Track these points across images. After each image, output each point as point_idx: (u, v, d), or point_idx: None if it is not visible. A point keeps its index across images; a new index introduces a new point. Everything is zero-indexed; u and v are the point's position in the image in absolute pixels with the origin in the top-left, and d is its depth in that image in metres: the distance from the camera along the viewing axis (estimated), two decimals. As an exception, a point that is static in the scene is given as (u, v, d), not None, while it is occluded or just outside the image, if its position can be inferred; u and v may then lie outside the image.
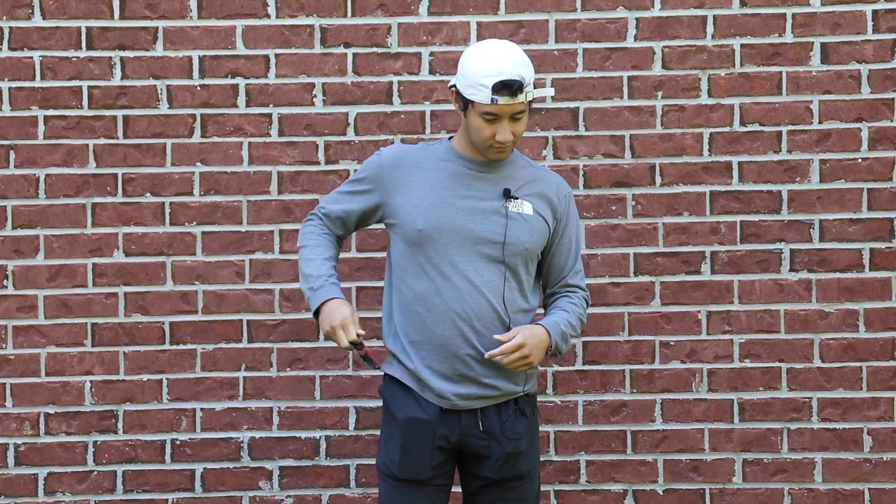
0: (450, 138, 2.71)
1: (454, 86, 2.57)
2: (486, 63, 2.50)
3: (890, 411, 3.21)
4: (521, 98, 2.53)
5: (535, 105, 2.81)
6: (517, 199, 2.62)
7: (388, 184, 2.63)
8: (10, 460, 3.20)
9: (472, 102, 2.55)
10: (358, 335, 2.55)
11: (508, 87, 2.46)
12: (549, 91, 2.69)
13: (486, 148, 2.60)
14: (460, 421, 2.59)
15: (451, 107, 2.86)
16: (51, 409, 3.21)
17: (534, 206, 2.63)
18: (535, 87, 2.57)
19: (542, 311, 2.74)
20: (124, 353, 3.22)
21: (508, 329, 2.59)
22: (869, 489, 3.21)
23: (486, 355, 2.57)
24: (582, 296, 2.71)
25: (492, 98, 2.49)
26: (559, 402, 3.24)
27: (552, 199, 2.66)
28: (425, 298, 2.57)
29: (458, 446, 2.61)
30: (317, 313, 2.59)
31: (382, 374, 2.66)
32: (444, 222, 2.58)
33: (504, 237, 2.58)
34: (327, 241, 2.75)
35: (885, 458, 3.20)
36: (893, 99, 3.22)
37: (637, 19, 3.22)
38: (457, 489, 2.65)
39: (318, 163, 3.23)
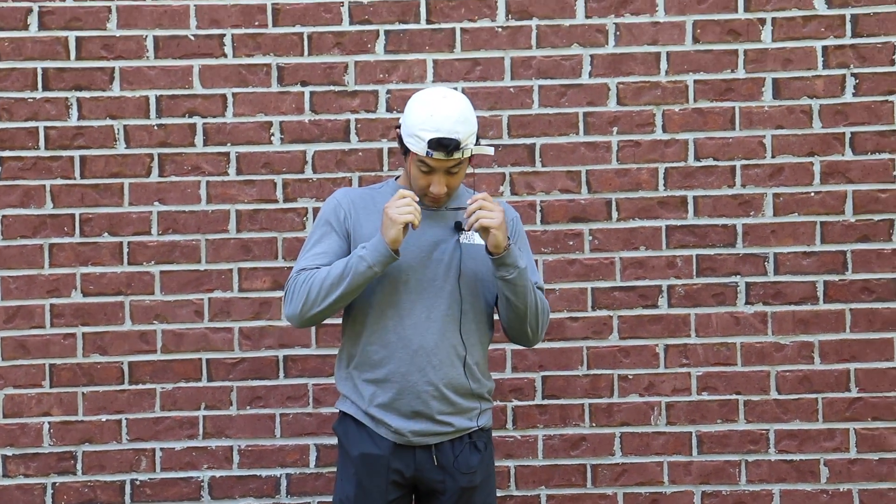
0: (396, 178, 2.73)
1: (398, 127, 2.58)
2: (427, 116, 2.50)
3: (846, 442, 3.23)
4: (456, 155, 2.52)
5: (489, 142, 2.83)
6: (467, 230, 2.61)
7: (346, 223, 2.64)
8: None
9: (408, 151, 2.57)
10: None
11: (444, 146, 2.47)
12: (489, 150, 2.68)
13: (421, 196, 2.59)
14: (415, 456, 2.59)
15: (406, 146, 2.85)
16: (9, 451, 3.20)
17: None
18: (477, 141, 2.57)
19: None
20: (83, 393, 3.21)
21: (465, 363, 2.58)
22: None
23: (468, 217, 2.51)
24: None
25: (427, 152, 2.49)
26: (519, 437, 3.25)
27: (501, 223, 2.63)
28: (382, 335, 2.58)
29: (413, 482, 2.62)
30: (379, 261, 2.48)
31: (336, 408, 2.67)
32: (398, 261, 2.58)
33: (459, 269, 2.60)
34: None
35: (841, 489, 3.23)
36: (844, 133, 3.27)
37: (591, 56, 3.26)
38: None
39: (276, 201, 3.24)
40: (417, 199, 2.55)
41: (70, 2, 3.20)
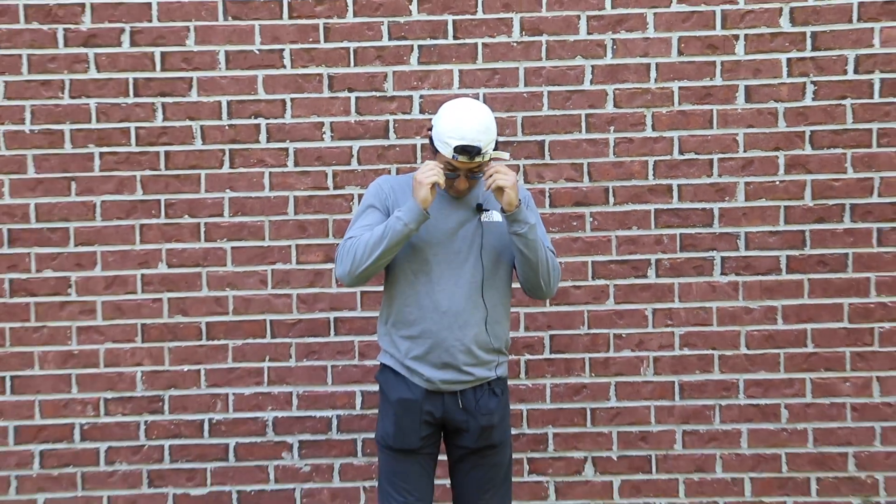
0: None
1: (430, 129, 2.67)
2: (454, 125, 2.58)
3: (803, 389, 3.45)
4: (477, 160, 2.59)
5: (506, 139, 3.05)
6: (488, 210, 2.72)
7: (387, 202, 2.73)
8: (76, 437, 3.45)
9: (438, 152, 2.65)
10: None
11: (468, 152, 2.56)
12: (505, 155, 2.70)
13: (447, 189, 2.69)
14: (443, 400, 2.70)
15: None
16: (108, 395, 3.45)
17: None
18: (496, 148, 2.63)
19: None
20: (168, 348, 3.45)
21: (486, 322, 2.68)
22: (785, 453, 3.48)
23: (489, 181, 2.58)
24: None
25: (453, 156, 2.58)
26: (530, 385, 3.47)
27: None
28: (416, 299, 2.68)
29: (441, 421, 2.72)
30: (412, 218, 2.57)
31: (378, 361, 2.80)
32: (429, 237, 2.67)
33: (481, 244, 2.69)
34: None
35: (798, 428, 3.46)
36: (804, 132, 3.45)
37: (592, 66, 3.43)
38: (443, 458, 2.80)
39: (327, 188, 3.44)
40: (441, 166, 2.60)
41: (156, 22, 3.39)
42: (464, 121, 2.58)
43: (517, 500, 3.33)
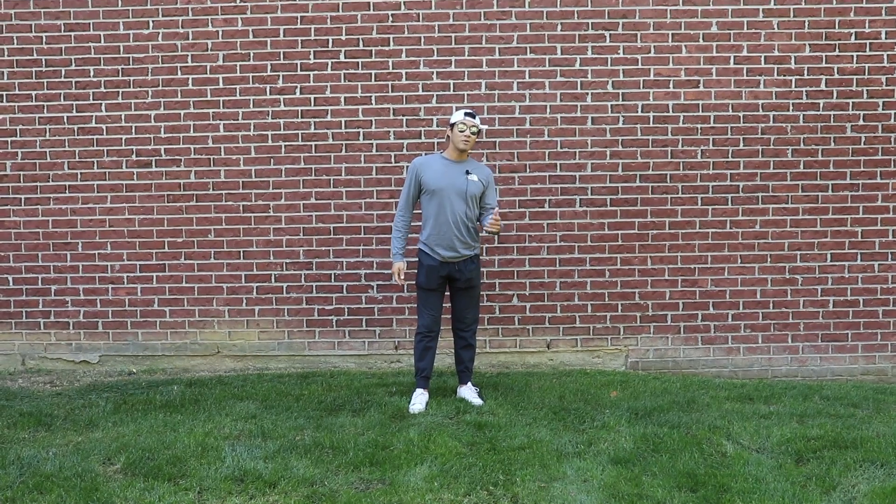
0: (441, 153, 5.35)
1: (450, 122, 5.21)
2: (461, 110, 5.22)
3: None
4: (476, 120, 5.07)
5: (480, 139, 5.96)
6: (470, 174, 5.13)
7: (416, 175, 5.18)
8: None
9: (455, 124, 5.04)
10: (400, 279, 5.18)
11: (471, 114, 5.12)
12: (483, 128, 5.36)
13: (460, 142, 5.04)
14: (448, 266, 5.16)
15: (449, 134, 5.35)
16: None
17: (478, 176, 5.16)
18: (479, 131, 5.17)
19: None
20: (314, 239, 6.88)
21: (470, 230, 5.15)
22: None
23: (487, 224, 5.08)
24: (497, 211, 5.10)
25: (465, 115, 5.07)
26: (487, 258, 6.53)
27: (485, 174, 5.26)
28: (437, 217, 5.09)
29: (448, 277, 5.20)
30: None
31: (418, 248, 5.28)
32: (443, 185, 5.07)
33: (466, 189, 5.08)
34: (404, 229, 5.24)
35: None
36: None
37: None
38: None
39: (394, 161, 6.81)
40: (402, 276, 5.28)
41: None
42: (464, 108, 5.62)
43: (482, 314, 6.48)
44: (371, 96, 6.56)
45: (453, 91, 6.52)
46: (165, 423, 5.08)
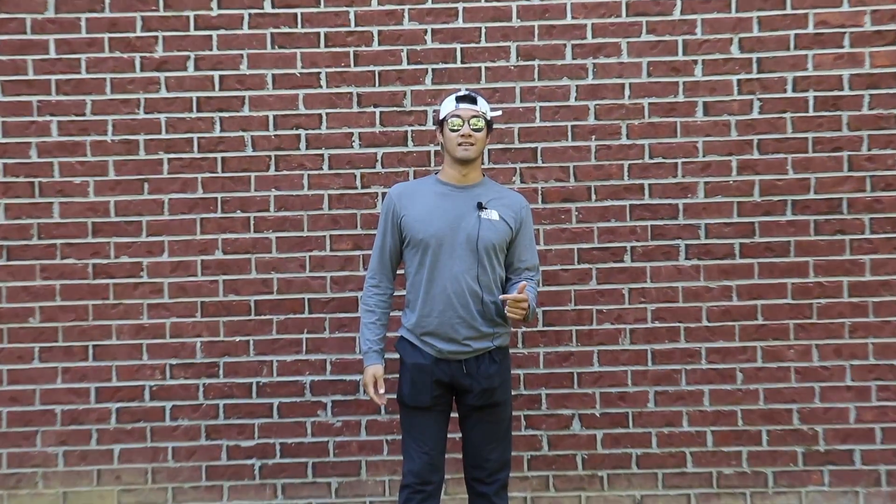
0: (436, 173, 3.03)
1: (438, 117, 2.94)
2: (451, 95, 2.98)
3: (754, 356, 3.66)
4: (475, 106, 2.84)
5: (505, 146, 3.30)
6: (487, 208, 2.90)
7: (396, 210, 2.95)
8: (146, 397, 3.71)
9: (445, 120, 2.86)
10: (378, 393, 2.94)
11: (466, 98, 2.89)
12: (498, 112, 3.07)
13: (455, 147, 2.84)
14: (449, 366, 2.92)
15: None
16: (173, 361, 3.69)
17: (500, 213, 2.90)
18: (490, 125, 2.92)
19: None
20: (223, 322, 3.70)
21: (482, 302, 2.85)
22: (740, 410, 3.68)
23: (501, 297, 2.81)
24: (537, 279, 3.05)
25: (455, 105, 2.87)
26: (526, 353, 3.70)
27: (514, 208, 2.97)
28: (426, 285, 2.90)
29: (450, 384, 2.92)
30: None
31: (398, 336, 2.97)
32: (439, 228, 2.86)
33: (478, 234, 2.86)
34: (380, 308, 3.00)
35: (751, 388, 3.68)
36: (752, 140, 3.66)
37: (577, 86, 3.68)
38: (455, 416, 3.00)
39: (356, 188, 3.68)
40: (381, 389, 2.94)
41: (215, 50, 3.68)
42: (457, 93, 3.00)
43: (516, 451, 3.59)
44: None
45: (461, 62, 3.66)
46: None
